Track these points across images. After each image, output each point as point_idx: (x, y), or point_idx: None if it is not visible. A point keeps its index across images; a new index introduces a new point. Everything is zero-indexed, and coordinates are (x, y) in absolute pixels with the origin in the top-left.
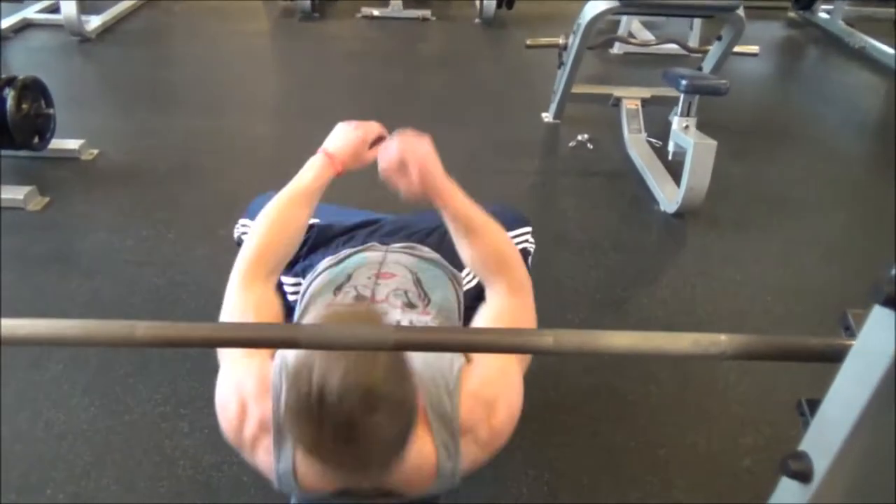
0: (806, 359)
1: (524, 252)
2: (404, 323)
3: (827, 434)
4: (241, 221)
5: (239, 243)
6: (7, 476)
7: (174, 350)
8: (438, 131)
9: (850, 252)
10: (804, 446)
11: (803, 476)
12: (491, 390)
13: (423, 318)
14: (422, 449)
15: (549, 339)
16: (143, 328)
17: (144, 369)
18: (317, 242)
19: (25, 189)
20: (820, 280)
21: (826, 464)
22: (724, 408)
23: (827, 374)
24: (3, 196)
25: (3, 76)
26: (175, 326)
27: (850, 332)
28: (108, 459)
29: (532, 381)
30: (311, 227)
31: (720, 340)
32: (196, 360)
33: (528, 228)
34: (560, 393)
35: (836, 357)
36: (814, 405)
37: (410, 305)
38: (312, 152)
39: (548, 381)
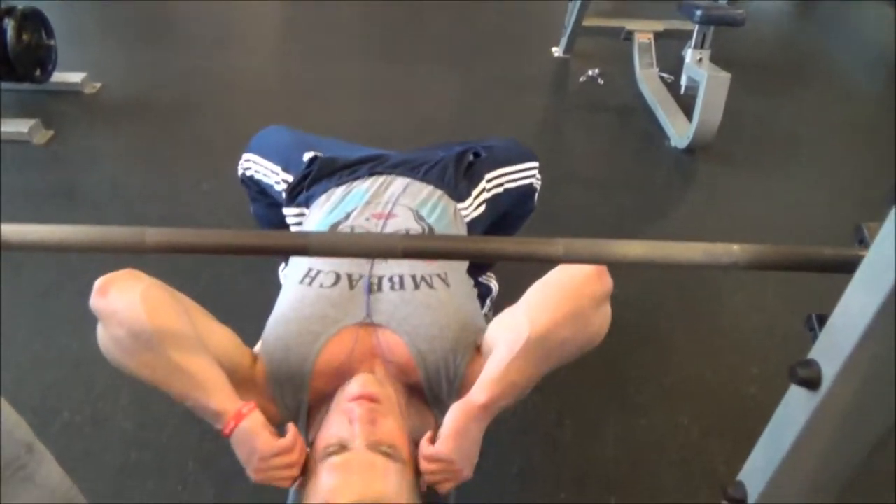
0: (819, 269)
1: (530, 188)
2: (404, 270)
3: (837, 342)
4: (245, 156)
5: (243, 180)
6: (25, 398)
7: (186, 274)
8: (445, 68)
9: (864, 192)
10: (813, 354)
11: (812, 383)
12: None
13: (426, 265)
14: (424, 417)
15: (559, 248)
16: (153, 234)
17: None
18: (320, 174)
19: (30, 122)
20: (832, 218)
21: (834, 371)
22: (732, 340)
23: (836, 301)
24: (7, 129)
25: (3, 6)
26: (186, 232)
27: (864, 244)
28: (122, 382)
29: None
30: (314, 159)
31: (732, 250)
32: (206, 287)
33: (535, 164)
34: None
35: (848, 267)
36: (823, 319)
37: None
38: (315, 90)
39: None
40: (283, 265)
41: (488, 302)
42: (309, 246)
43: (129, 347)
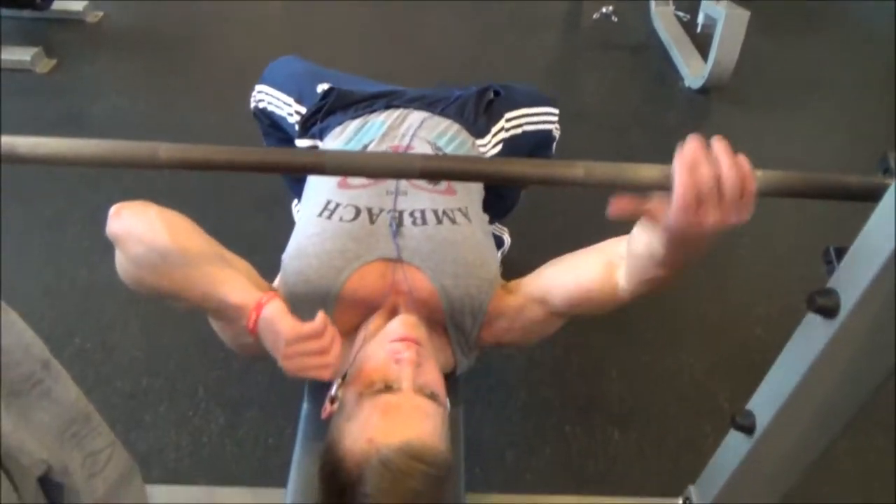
0: (843, 197)
1: (549, 135)
2: (426, 205)
3: (857, 270)
4: (257, 88)
5: (255, 112)
6: (37, 326)
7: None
8: (455, 5)
9: (884, 133)
10: (832, 284)
11: (829, 311)
12: (512, 332)
13: (447, 199)
14: (444, 351)
15: (579, 170)
16: (166, 149)
17: None
18: (334, 106)
19: (32, 50)
20: (849, 160)
21: (853, 300)
22: (739, 281)
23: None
24: (9, 57)
25: None
26: (200, 148)
27: (889, 173)
28: (131, 312)
29: (550, 244)
30: (330, 90)
31: (755, 175)
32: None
33: (556, 111)
34: None
35: (872, 196)
36: (841, 252)
37: (433, 181)
38: (324, 25)
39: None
40: (295, 201)
41: (499, 255)
42: (325, 164)
43: (149, 261)
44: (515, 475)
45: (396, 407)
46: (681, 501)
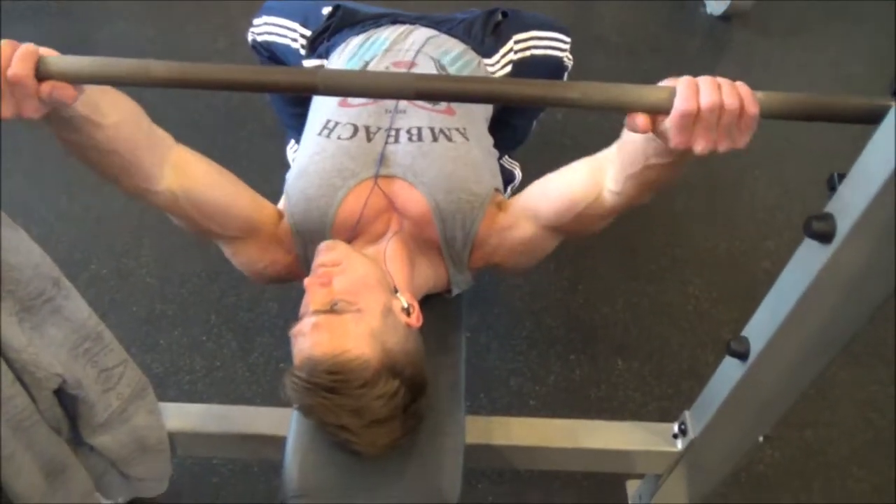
0: (845, 119)
1: (560, 63)
2: (423, 122)
3: (854, 194)
4: (257, 21)
5: (254, 46)
6: (52, 251)
7: (203, 135)
8: None
9: None
10: (829, 208)
11: (825, 236)
12: (503, 250)
13: (445, 118)
14: (437, 270)
15: (575, 92)
16: (158, 66)
17: None
18: (341, 24)
19: None
20: (871, 90)
21: (849, 224)
22: (748, 214)
23: None
24: None
25: None
26: (192, 66)
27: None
28: (145, 240)
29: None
30: (336, 9)
31: (756, 97)
32: (223, 149)
33: (567, 38)
34: None
35: (876, 118)
36: (845, 178)
37: (433, 101)
38: None
39: None
40: (290, 142)
41: (510, 190)
42: (317, 83)
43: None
44: (519, 401)
45: (298, 332)
46: (676, 426)
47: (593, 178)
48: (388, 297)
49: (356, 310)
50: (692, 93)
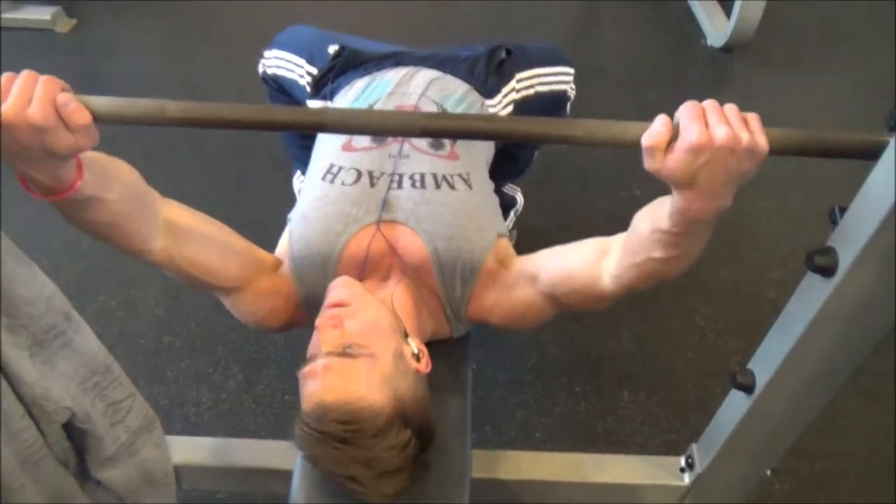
0: (844, 154)
1: (563, 95)
2: (426, 168)
3: (855, 228)
4: (267, 54)
5: (263, 78)
6: (61, 283)
7: (215, 168)
8: None
9: None
10: (831, 242)
11: (828, 270)
12: (500, 309)
13: (448, 163)
14: (438, 318)
15: (578, 130)
16: (173, 106)
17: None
18: (345, 66)
19: (52, 9)
20: (873, 121)
21: (851, 258)
22: (753, 245)
23: None
24: (30, 16)
25: None
26: (205, 106)
27: (893, 130)
28: (153, 272)
29: (563, 207)
30: (341, 50)
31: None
32: (236, 182)
33: (571, 70)
34: (585, 218)
35: (874, 154)
36: (846, 211)
37: (437, 145)
38: None
39: (580, 208)
40: (297, 173)
41: (512, 214)
42: (325, 121)
43: None
44: (525, 434)
45: (310, 374)
46: (683, 460)
47: (596, 257)
48: (400, 342)
49: (369, 354)
50: (697, 115)
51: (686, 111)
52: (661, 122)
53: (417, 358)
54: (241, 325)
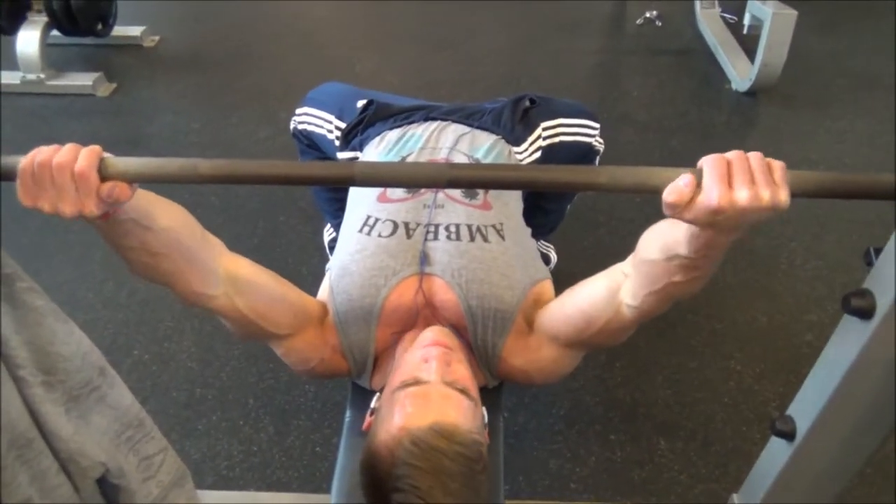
0: (870, 196)
1: (589, 147)
2: (461, 219)
3: (891, 270)
4: (298, 111)
5: (294, 133)
6: (98, 337)
7: (245, 222)
8: (496, 9)
9: None
10: (868, 284)
11: (865, 312)
12: (529, 373)
13: (482, 214)
14: (475, 372)
15: (602, 176)
16: (205, 164)
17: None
18: (375, 118)
19: (94, 75)
20: None
21: (889, 299)
22: (788, 286)
23: None
24: (74, 82)
25: None
26: (236, 163)
27: None
28: (186, 325)
29: (592, 251)
30: (370, 103)
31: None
32: (263, 236)
33: (596, 124)
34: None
35: None
36: (881, 252)
37: (470, 194)
38: (369, 37)
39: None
40: (327, 226)
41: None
42: (355, 175)
43: None
44: (559, 483)
45: (425, 395)
46: None
47: (611, 295)
48: (480, 403)
49: (474, 401)
50: (721, 176)
51: (711, 168)
52: (685, 182)
53: (486, 426)
54: (272, 375)
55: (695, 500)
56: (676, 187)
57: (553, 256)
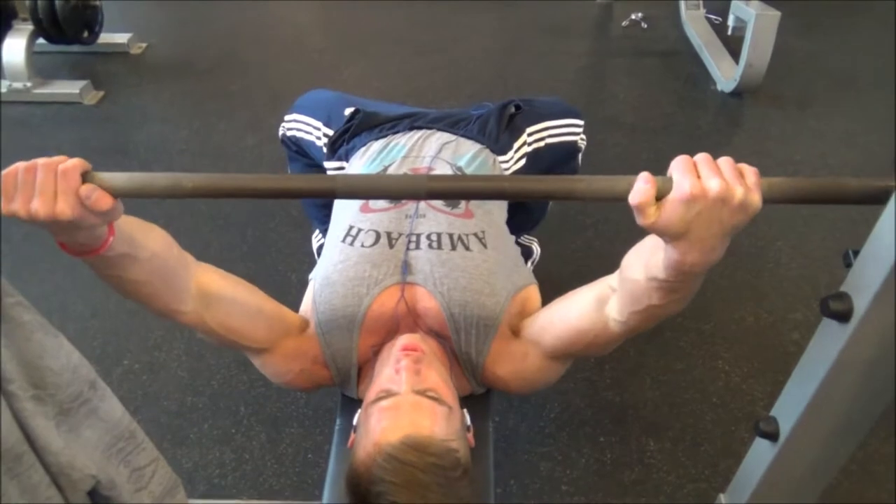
0: (848, 200)
1: (573, 146)
2: (443, 228)
3: (867, 273)
4: (287, 117)
5: (283, 140)
6: (87, 347)
7: (236, 229)
8: (482, 14)
9: None
10: (845, 287)
11: (843, 316)
12: (514, 381)
13: (464, 222)
14: (460, 379)
15: (581, 184)
16: (189, 179)
17: (207, 249)
18: (360, 128)
19: (81, 83)
20: (886, 163)
21: (865, 303)
22: (774, 286)
23: None
24: (60, 90)
25: None
26: (220, 177)
27: None
28: (177, 334)
29: (580, 254)
30: (356, 112)
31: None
32: (252, 242)
33: (580, 122)
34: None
35: (879, 199)
36: (859, 254)
37: (451, 204)
38: (355, 42)
39: (595, 255)
40: (316, 232)
41: (529, 265)
42: (336, 188)
43: None
44: (550, 486)
45: (396, 407)
46: None
47: (598, 309)
48: (458, 407)
49: (448, 406)
50: (688, 168)
51: (678, 165)
52: (643, 180)
53: (469, 429)
54: (263, 382)
55: (684, 500)
56: (638, 189)
57: (536, 249)
